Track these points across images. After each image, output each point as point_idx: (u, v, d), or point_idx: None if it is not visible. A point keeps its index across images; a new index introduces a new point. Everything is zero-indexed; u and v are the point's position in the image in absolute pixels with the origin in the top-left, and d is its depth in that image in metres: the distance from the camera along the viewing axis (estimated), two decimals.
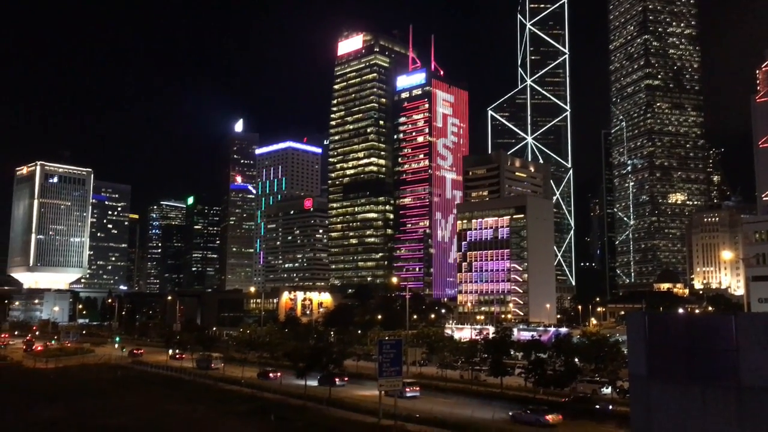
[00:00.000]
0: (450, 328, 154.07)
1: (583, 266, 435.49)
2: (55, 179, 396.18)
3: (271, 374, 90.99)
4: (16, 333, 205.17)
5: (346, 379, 74.44)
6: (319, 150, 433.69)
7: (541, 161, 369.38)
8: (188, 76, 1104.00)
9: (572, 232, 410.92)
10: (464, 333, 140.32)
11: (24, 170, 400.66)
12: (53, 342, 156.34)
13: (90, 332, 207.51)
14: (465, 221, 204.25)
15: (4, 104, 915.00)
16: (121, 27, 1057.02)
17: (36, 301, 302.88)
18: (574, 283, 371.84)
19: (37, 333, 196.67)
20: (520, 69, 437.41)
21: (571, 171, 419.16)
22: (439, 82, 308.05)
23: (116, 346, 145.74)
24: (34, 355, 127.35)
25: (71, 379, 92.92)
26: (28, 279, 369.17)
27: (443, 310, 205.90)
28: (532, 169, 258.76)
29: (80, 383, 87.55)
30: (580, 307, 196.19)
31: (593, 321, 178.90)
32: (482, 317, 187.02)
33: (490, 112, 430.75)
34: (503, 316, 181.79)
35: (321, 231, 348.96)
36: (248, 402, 69.59)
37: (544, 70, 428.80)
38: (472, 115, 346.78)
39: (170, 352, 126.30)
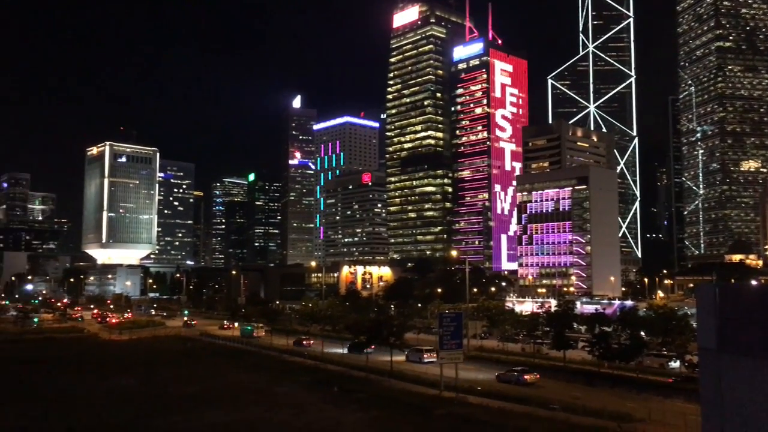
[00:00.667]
0: (511, 301, 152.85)
1: (650, 238, 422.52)
2: (124, 159, 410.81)
3: (305, 342, 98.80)
4: (91, 306, 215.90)
5: (372, 347, 78.77)
6: (376, 124, 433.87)
7: (604, 130, 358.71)
8: (247, 55, 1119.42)
9: (638, 202, 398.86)
10: (525, 306, 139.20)
11: (94, 151, 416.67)
12: (126, 315, 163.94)
13: (160, 306, 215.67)
14: (525, 193, 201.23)
15: (76, 88, 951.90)
16: (181, 6, 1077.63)
17: (109, 276, 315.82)
18: (639, 255, 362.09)
19: (111, 306, 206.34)
20: (581, 35, 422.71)
21: (636, 139, 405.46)
22: (496, 51, 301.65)
23: (185, 319, 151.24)
24: (109, 327, 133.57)
25: (144, 350, 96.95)
26: (102, 255, 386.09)
27: (503, 283, 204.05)
28: (595, 139, 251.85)
29: (152, 354, 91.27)
30: (646, 279, 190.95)
31: (660, 294, 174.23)
32: (544, 290, 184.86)
33: (550, 81, 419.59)
34: (565, 289, 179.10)
35: (380, 205, 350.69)
36: (312, 373, 71.05)
37: (606, 35, 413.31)
38: (532, 85, 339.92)
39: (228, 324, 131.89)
